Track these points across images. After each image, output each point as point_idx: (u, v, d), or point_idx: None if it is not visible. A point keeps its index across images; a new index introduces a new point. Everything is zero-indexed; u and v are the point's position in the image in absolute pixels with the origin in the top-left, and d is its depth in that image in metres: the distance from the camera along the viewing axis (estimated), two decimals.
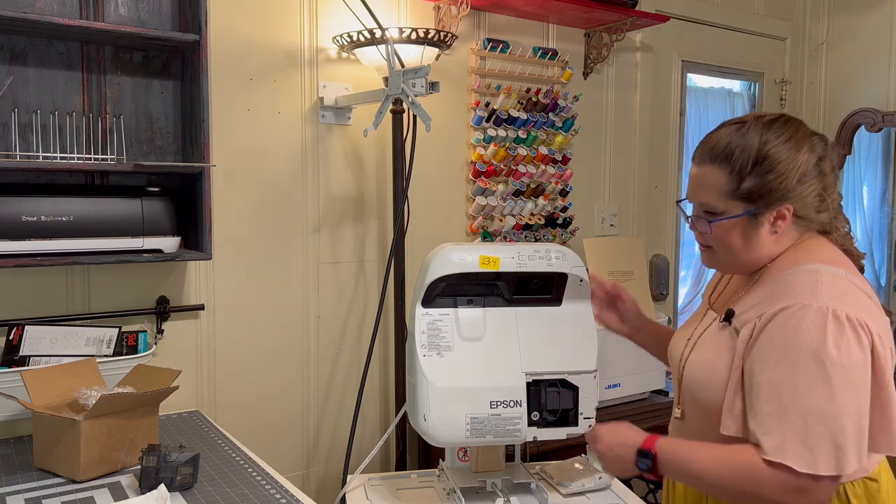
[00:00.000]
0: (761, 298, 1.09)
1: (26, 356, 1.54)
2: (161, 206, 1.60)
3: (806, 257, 1.10)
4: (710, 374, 1.12)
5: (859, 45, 3.03)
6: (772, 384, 1.01)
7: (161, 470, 1.24)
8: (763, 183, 1.07)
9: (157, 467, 1.23)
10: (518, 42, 2.32)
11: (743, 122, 1.12)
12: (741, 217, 1.10)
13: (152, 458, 1.24)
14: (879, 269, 3.29)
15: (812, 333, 0.99)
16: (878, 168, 3.27)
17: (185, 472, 1.26)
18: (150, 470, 1.24)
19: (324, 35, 1.97)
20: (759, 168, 1.07)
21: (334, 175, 2.02)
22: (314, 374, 2.03)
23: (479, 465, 1.42)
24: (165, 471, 1.24)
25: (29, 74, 1.57)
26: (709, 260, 1.21)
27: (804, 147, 1.09)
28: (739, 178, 1.08)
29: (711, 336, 1.17)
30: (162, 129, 1.72)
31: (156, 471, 1.23)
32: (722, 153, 1.10)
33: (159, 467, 1.23)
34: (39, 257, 1.48)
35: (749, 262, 1.15)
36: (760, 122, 1.10)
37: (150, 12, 1.68)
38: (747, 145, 1.08)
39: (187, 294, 1.81)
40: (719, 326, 1.15)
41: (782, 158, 1.07)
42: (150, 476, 1.24)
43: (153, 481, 1.23)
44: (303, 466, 2.03)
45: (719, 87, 3.03)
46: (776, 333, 1.03)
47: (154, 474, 1.23)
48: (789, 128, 1.10)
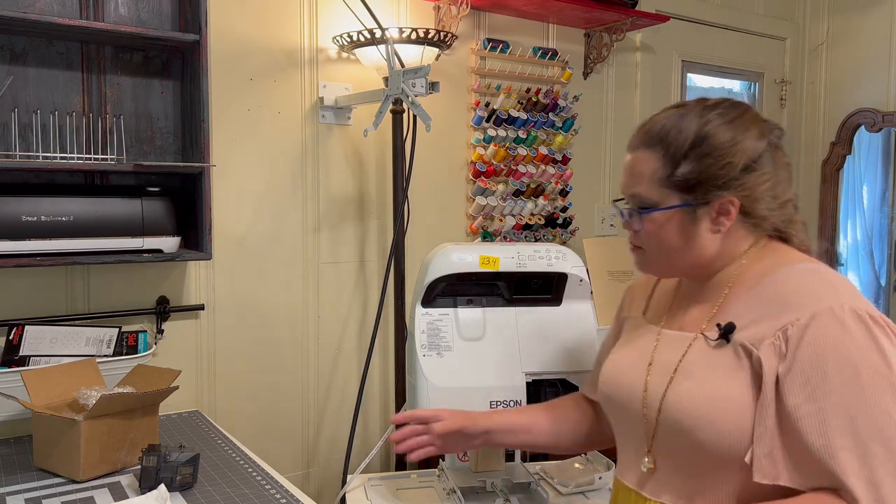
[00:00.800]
0: (760, 308, 0.91)
1: (26, 356, 1.54)
2: (161, 205, 1.60)
3: (784, 259, 0.94)
4: (721, 410, 0.88)
5: (859, 45, 3.03)
6: (837, 412, 0.81)
7: (161, 470, 1.23)
8: (701, 168, 0.92)
9: (156, 467, 1.23)
10: (518, 42, 2.32)
11: (684, 104, 0.99)
12: (677, 209, 0.94)
13: (152, 458, 1.24)
14: (879, 269, 3.29)
15: (862, 340, 0.83)
16: (878, 168, 3.27)
17: (185, 472, 1.26)
18: (149, 470, 1.24)
19: (324, 35, 1.97)
20: (696, 151, 0.93)
21: (334, 175, 2.02)
22: (314, 374, 2.02)
23: (478, 465, 1.42)
24: (165, 471, 1.24)
25: (29, 74, 1.57)
26: (641, 262, 1.03)
27: (752, 131, 0.95)
28: (674, 163, 0.93)
29: (702, 360, 0.93)
30: (162, 129, 1.72)
31: (156, 471, 1.23)
32: (656, 136, 0.96)
33: (159, 467, 1.23)
34: (39, 257, 1.48)
35: (689, 265, 0.98)
36: (702, 104, 0.97)
37: (150, 12, 1.68)
38: (685, 126, 0.94)
39: (187, 294, 1.81)
40: (712, 346, 0.93)
41: (724, 140, 0.93)
42: (150, 476, 1.24)
43: (153, 481, 1.23)
44: (303, 466, 2.03)
45: (719, 88, 3.03)
46: (819, 348, 0.83)
47: (154, 474, 1.23)
48: (735, 109, 0.96)
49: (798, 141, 3.20)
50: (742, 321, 0.92)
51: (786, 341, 0.86)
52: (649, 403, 0.97)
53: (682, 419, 0.92)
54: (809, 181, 3.17)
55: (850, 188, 3.17)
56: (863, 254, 3.28)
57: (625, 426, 1.04)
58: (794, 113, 3.18)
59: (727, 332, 0.91)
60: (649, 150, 0.96)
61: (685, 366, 0.94)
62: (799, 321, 0.86)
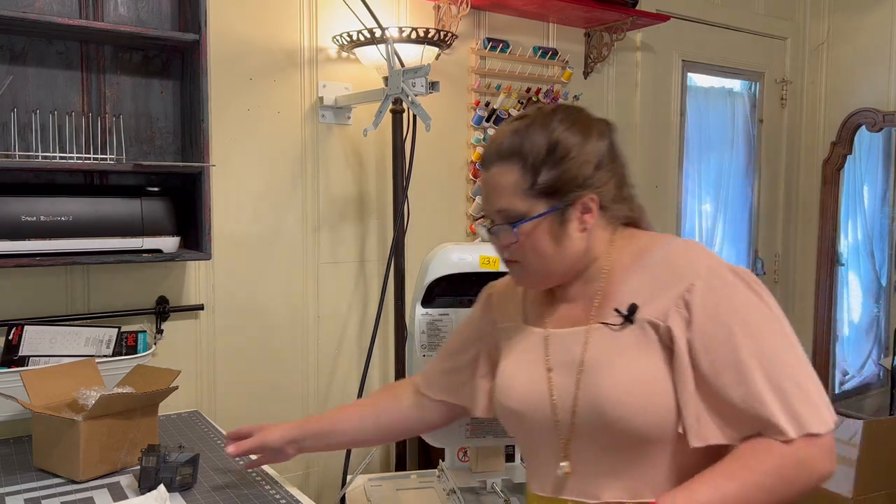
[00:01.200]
0: (652, 284, 0.95)
1: (26, 356, 1.54)
2: (161, 205, 1.60)
3: (652, 239, 1.00)
4: (646, 392, 0.91)
5: (860, 45, 3.02)
6: (749, 361, 0.88)
7: (161, 470, 1.23)
8: (560, 173, 0.96)
9: (156, 467, 1.23)
10: (518, 42, 2.32)
11: (524, 116, 1.02)
12: (546, 216, 0.97)
13: (152, 459, 1.24)
14: (880, 269, 3.29)
15: (746, 294, 0.91)
16: (879, 168, 3.26)
17: (185, 472, 1.26)
18: (149, 470, 1.23)
19: (323, 34, 1.96)
20: (552, 157, 0.96)
21: (334, 175, 2.01)
22: (314, 375, 2.02)
23: (479, 466, 1.41)
24: (165, 471, 1.23)
25: (28, 74, 1.57)
26: (520, 276, 1.03)
27: (593, 130, 1.00)
28: (535, 173, 0.96)
29: (609, 347, 0.95)
30: (161, 128, 1.72)
31: (155, 471, 1.23)
32: (510, 150, 0.98)
33: (159, 467, 1.23)
34: (39, 257, 1.47)
35: (564, 269, 1.00)
36: (542, 112, 1.01)
37: (150, 12, 1.68)
38: (535, 137, 0.97)
39: (187, 294, 1.81)
40: (615, 331, 0.95)
41: (574, 142, 0.97)
42: (150, 476, 1.23)
43: (153, 481, 1.23)
44: (303, 467, 2.02)
45: (720, 87, 3.02)
46: (715, 307, 0.90)
47: (153, 474, 1.23)
48: (572, 113, 1.01)
49: (798, 141, 3.20)
50: (638, 300, 0.95)
51: (687, 307, 0.92)
52: (561, 406, 0.97)
53: (606, 411, 0.92)
54: (810, 181, 3.17)
55: (851, 188, 3.16)
56: (863, 254, 3.27)
57: (533, 436, 1.02)
58: (795, 113, 3.18)
59: (632, 312, 0.94)
60: (506, 164, 0.98)
61: (591, 359, 0.95)
62: (694, 286, 0.92)
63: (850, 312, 3.28)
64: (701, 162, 2.98)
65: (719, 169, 3.03)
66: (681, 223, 2.88)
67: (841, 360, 3.25)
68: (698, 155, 2.96)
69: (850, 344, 3.31)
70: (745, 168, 3.10)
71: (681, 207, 2.87)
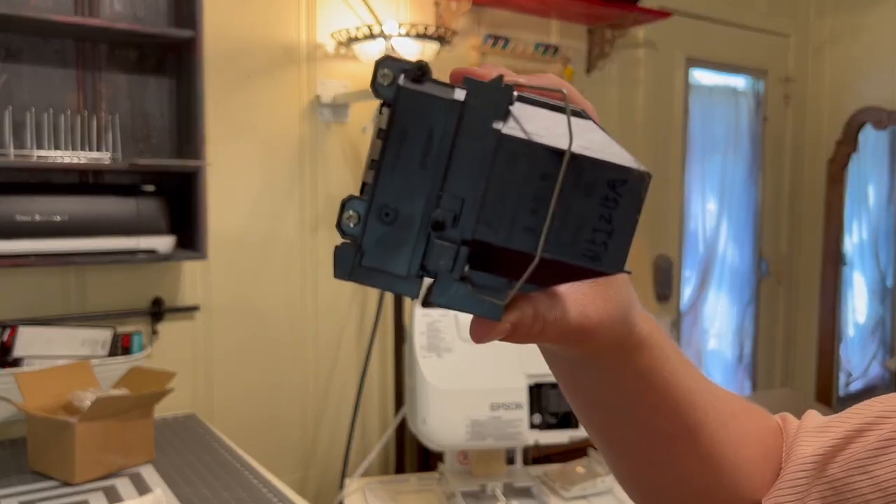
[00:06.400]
0: None
1: (20, 357, 1.53)
2: (156, 205, 1.59)
3: None
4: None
5: (864, 42, 2.99)
6: None
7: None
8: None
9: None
10: (519, 38, 2.30)
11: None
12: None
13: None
14: (886, 269, 3.26)
15: None
16: (885, 167, 3.24)
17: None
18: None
19: (322, 31, 1.94)
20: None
21: (333, 173, 1.99)
22: (312, 376, 2.00)
23: (479, 469, 1.39)
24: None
25: (23, 72, 1.55)
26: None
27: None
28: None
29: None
30: (157, 126, 1.70)
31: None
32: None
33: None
34: (33, 258, 1.46)
35: None
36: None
37: (146, 8, 1.66)
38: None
39: (182, 295, 1.79)
40: None
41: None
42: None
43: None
44: (300, 469, 2.00)
45: (723, 86, 3.00)
46: None
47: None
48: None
49: (803, 140, 3.17)
50: None
51: None
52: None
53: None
54: (815, 180, 3.14)
55: (856, 187, 3.14)
56: (868, 254, 3.24)
57: None
58: (799, 111, 3.15)
59: None
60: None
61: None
62: None
63: (854, 313, 3.26)
64: (705, 161, 2.95)
65: (723, 168, 3.01)
66: (684, 223, 2.86)
67: (846, 361, 3.22)
68: (702, 154, 2.93)
69: (854, 345, 3.29)
70: (749, 167, 3.08)
71: (684, 207, 2.85)
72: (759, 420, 0.49)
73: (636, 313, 0.39)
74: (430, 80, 0.30)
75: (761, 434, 0.48)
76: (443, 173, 0.29)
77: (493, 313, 0.30)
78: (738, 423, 0.47)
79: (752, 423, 0.48)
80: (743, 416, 0.48)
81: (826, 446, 0.46)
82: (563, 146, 0.29)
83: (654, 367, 0.41)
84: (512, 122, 0.29)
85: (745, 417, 0.48)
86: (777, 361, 3.23)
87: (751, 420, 0.48)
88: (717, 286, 3.06)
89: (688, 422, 0.43)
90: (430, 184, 0.29)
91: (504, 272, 0.30)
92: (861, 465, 0.44)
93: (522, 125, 0.29)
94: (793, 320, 3.23)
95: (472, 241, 0.29)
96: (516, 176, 0.29)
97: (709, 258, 3.01)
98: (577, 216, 0.29)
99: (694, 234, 2.95)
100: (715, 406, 0.45)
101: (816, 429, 0.48)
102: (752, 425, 0.48)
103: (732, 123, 3.02)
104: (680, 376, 0.42)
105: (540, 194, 0.29)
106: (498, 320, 0.31)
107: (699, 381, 0.45)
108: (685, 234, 2.89)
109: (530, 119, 0.30)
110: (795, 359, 3.24)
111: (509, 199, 0.29)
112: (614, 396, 0.42)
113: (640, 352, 0.40)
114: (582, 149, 0.29)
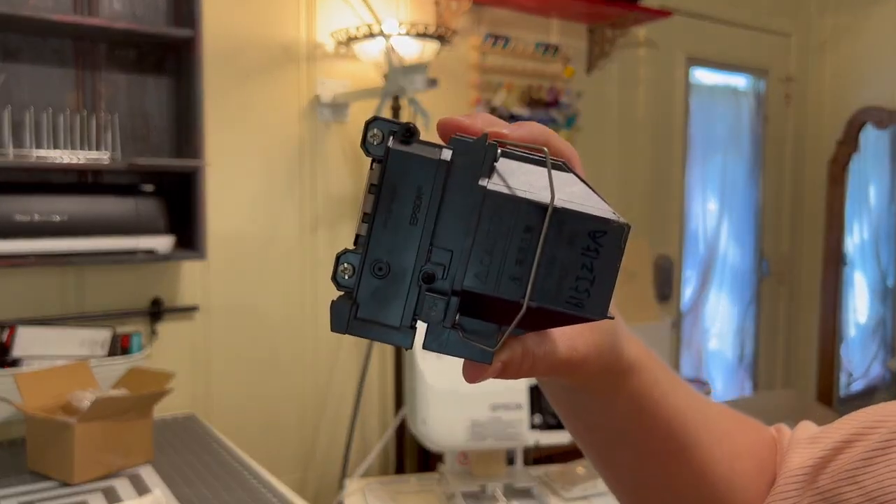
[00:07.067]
0: None
1: (19, 358, 1.52)
2: (155, 205, 1.58)
3: None
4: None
5: (865, 42, 2.99)
6: None
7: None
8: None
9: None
10: (520, 37, 2.29)
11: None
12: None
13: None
14: (886, 269, 3.26)
15: None
16: (886, 166, 3.23)
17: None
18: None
19: (321, 31, 1.94)
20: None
21: (332, 173, 1.99)
22: (311, 376, 2.00)
23: (479, 470, 1.39)
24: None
25: (22, 71, 1.55)
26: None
27: None
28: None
29: None
30: (157, 126, 1.70)
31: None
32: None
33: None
34: (32, 257, 1.46)
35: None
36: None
37: (145, 7, 1.66)
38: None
39: (182, 295, 1.79)
40: None
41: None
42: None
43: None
44: (300, 470, 2.00)
45: (724, 86, 2.99)
46: None
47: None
48: None
49: (804, 139, 3.17)
50: None
51: None
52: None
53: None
54: (815, 180, 3.14)
55: (857, 187, 3.13)
56: (869, 254, 3.24)
57: None
58: (800, 111, 3.15)
59: None
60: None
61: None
62: None
63: (856, 313, 3.25)
64: (706, 161, 2.95)
65: (724, 168, 3.01)
66: (685, 223, 2.86)
67: (847, 361, 3.22)
68: (703, 153, 2.93)
69: (855, 345, 3.28)
70: (750, 167, 3.07)
71: (685, 207, 2.84)
72: (752, 433, 0.50)
73: (623, 339, 0.40)
74: (417, 141, 0.31)
75: (755, 447, 0.49)
76: (432, 228, 0.31)
77: (483, 357, 0.32)
78: (732, 439, 0.48)
79: (745, 437, 0.49)
80: (736, 431, 0.49)
81: (816, 457, 0.46)
82: (546, 200, 0.31)
83: (643, 391, 0.42)
84: (496, 177, 0.31)
85: (739, 432, 0.49)
86: (778, 362, 3.23)
87: (744, 434, 0.49)
88: (717, 286, 3.06)
89: (680, 441, 0.44)
90: (420, 239, 0.31)
91: (493, 318, 0.32)
92: (850, 476, 0.44)
93: (506, 180, 0.31)
94: (794, 320, 3.22)
95: (461, 291, 0.31)
96: (502, 229, 0.31)
97: (709, 258, 3.00)
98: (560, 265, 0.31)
99: (694, 233, 2.94)
100: (707, 424, 0.46)
101: (807, 440, 0.48)
102: (745, 439, 0.49)
103: (733, 123, 3.01)
104: (670, 397, 0.44)
105: (525, 246, 0.31)
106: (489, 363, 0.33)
107: (690, 399, 0.46)
108: (686, 234, 2.89)
109: (514, 174, 0.32)
110: (796, 359, 3.23)
111: (496, 251, 0.31)
112: (607, 420, 0.44)
113: (628, 376, 0.41)
114: (563, 202, 0.31)
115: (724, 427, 0.48)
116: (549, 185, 0.31)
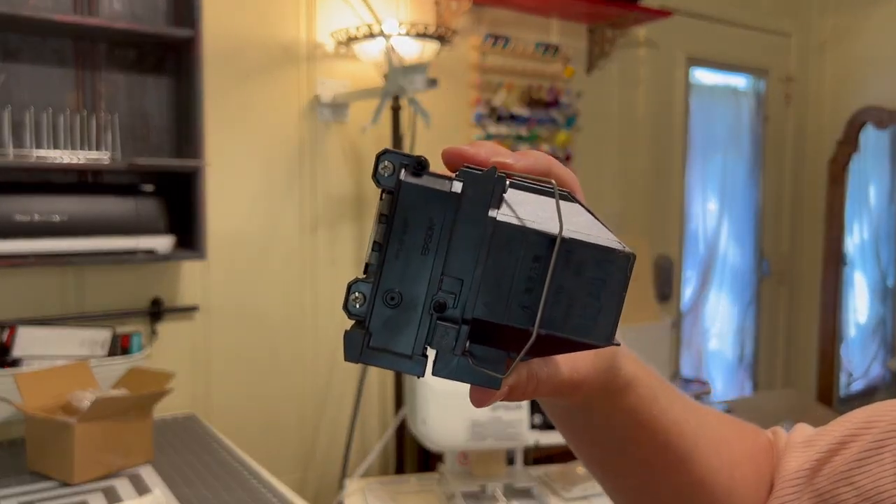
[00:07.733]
0: None
1: (19, 358, 1.52)
2: (155, 205, 1.58)
3: None
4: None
5: (866, 42, 2.99)
6: None
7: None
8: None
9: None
10: (520, 37, 2.29)
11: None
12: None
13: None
14: (886, 269, 3.26)
15: None
16: (886, 166, 3.23)
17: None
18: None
19: (321, 31, 1.94)
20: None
21: (332, 173, 1.99)
22: (311, 376, 2.00)
23: (479, 470, 1.39)
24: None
25: (22, 71, 1.55)
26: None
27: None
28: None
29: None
30: (157, 126, 1.70)
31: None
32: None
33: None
34: (32, 257, 1.45)
35: None
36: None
37: (145, 7, 1.66)
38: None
39: (182, 295, 1.79)
40: None
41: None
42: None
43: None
44: (300, 470, 2.00)
45: (724, 86, 2.99)
46: None
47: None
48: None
49: (804, 139, 3.17)
50: None
51: None
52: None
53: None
54: (816, 180, 3.13)
55: (857, 187, 3.13)
56: (869, 254, 3.24)
57: None
58: (800, 111, 3.15)
59: None
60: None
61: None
62: None
63: (856, 313, 3.25)
64: (706, 160, 2.95)
65: (724, 168, 3.00)
66: (685, 222, 2.85)
67: (847, 361, 3.22)
68: (703, 153, 2.93)
69: (855, 345, 3.28)
70: (750, 167, 3.07)
71: (685, 207, 2.84)
72: (749, 440, 0.51)
73: (621, 357, 0.41)
74: (427, 173, 0.33)
75: (753, 453, 0.50)
76: (443, 258, 0.32)
77: (491, 383, 0.33)
78: (730, 447, 0.49)
79: (742, 444, 0.50)
80: (734, 438, 0.50)
81: (812, 460, 0.47)
82: (554, 231, 0.31)
83: (640, 406, 0.43)
84: (505, 208, 0.32)
85: (736, 440, 0.50)
86: (778, 361, 3.23)
87: (741, 442, 0.50)
88: (717, 286, 3.06)
89: (679, 453, 0.45)
90: (431, 268, 0.32)
91: (502, 344, 0.33)
92: (845, 476, 0.45)
93: (515, 211, 0.32)
94: (794, 320, 3.22)
95: (472, 319, 0.32)
96: (511, 259, 0.32)
97: (710, 258, 3.00)
98: (568, 294, 0.32)
99: (695, 233, 2.94)
100: (705, 434, 0.47)
101: (803, 443, 0.49)
102: (742, 446, 0.50)
103: (733, 123, 3.01)
104: (667, 410, 0.45)
105: (533, 275, 0.32)
106: (497, 389, 0.33)
107: (688, 410, 0.47)
108: (686, 234, 2.89)
109: (522, 205, 0.32)
110: (796, 359, 3.23)
111: (505, 280, 0.32)
112: (606, 435, 0.45)
113: (626, 393, 0.42)
114: (571, 232, 0.32)
115: (722, 435, 0.49)
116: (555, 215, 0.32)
